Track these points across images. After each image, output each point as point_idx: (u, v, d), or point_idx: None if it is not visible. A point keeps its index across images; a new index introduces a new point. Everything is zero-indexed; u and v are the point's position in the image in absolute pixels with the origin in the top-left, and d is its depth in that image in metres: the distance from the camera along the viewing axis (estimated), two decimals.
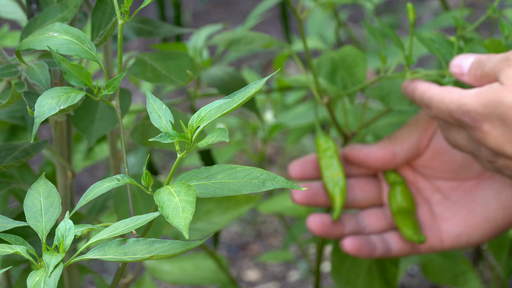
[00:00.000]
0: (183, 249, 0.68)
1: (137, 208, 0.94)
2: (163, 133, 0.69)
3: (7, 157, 0.85)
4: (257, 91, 0.69)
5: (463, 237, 1.00)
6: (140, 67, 0.92)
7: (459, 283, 1.23)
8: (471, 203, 1.00)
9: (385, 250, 1.01)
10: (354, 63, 1.00)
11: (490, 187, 0.99)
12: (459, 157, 0.99)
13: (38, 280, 0.65)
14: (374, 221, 1.03)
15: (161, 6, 1.40)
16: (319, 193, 1.02)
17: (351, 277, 1.07)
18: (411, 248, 1.01)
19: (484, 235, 1.00)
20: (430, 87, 0.91)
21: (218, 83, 1.02)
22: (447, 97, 0.88)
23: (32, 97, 0.80)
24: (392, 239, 1.01)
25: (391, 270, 1.07)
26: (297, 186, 0.71)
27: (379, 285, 1.07)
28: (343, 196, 1.00)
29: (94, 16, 0.82)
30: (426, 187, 1.02)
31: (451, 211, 1.00)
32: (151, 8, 2.63)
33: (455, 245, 1.00)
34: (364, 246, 1.00)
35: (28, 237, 0.90)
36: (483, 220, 0.99)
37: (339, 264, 1.08)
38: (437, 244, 1.01)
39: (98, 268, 1.79)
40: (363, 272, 1.07)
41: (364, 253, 1.00)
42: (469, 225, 0.99)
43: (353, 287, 1.07)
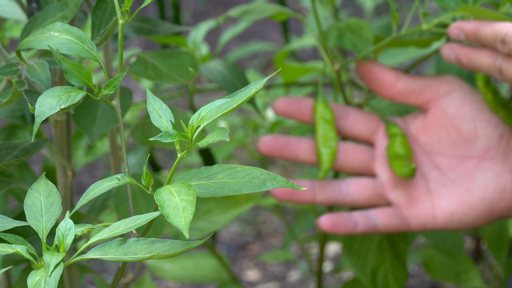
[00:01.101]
0: (184, 248, 0.68)
1: (138, 208, 0.94)
2: (164, 132, 0.69)
3: (7, 156, 0.85)
4: (258, 91, 0.69)
5: (457, 215, 0.99)
6: (141, 65, 0.92)
7: (461, 280, 1.23)
8: (469, 183, 1.00)
9: (369, 226, 1.01)
10: (359, 27, 1.02)
11: (490, 169, 0.99)
12: (466, 127, 1.00)
13: (39, 280, 0.64)
14: (360, 190, 1.03)
15: (160, 6, 1.40)
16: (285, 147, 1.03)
17: (362, 252, 1.08)
18: (400, 224, 1.01)
19: (478, 216, 0.99)
20: (506, 23, 0.92)
21: (218, 77, 1.02)
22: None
23: (33, 95, 0.80)
24: (379, 215, 1.01)
25: (400, 245, 1.08)
26: (297, 186, 0.71)
27: (390, 259, 1.08)
28: (332, 159, 1.01)
29: (95, 15, 0.82)
30: (425, 163, 1.02)
31: (448, 188, 1.00)
32: (151, 8, 2.63)
33: (448, 223, 1.00)
34: (341, 223, 1.00)
35: (28, 236, 0.90)
36: (479, 200, 0.99)
37: (350, 241, 1.09)
38: (430, 220, 1.00)
39: (98, 268, 1.79)
40: (374, 247, 1.08)
41: (342, 230, 1.00)
42: (465, 204, 0.99)
43: (365, 261, 1.08)
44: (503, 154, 0.99)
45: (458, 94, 1.00)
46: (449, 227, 1.01)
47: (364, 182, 1.03)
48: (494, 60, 0.94)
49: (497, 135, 1.00)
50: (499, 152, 1.00)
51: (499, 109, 0.99)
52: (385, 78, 1.02)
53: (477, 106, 1.00)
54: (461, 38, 0.95)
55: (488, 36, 0.93)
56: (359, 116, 1.04)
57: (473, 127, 1.00)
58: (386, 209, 1.02)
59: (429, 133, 1.02)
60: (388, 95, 1.02)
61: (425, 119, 1.02)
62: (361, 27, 1.02)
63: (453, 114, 1.00)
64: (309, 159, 1.04)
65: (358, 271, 1.08)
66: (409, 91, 1.02)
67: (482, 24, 0.93)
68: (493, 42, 0.92)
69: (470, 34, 0.94)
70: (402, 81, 1.02)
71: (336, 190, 1.03)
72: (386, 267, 1.08)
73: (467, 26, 0.94)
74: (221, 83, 1.01)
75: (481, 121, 1.00)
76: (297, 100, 1.04)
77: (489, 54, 0.95)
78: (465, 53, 0.96)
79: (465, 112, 1.00)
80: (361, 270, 1.08)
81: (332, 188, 1.03)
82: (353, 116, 1.04)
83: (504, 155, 0.99)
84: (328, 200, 1.03)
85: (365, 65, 1.02)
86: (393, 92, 1.02)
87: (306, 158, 1.04)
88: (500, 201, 0.99)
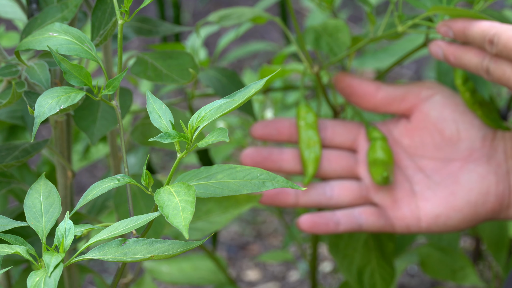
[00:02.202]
0: (183, 249, 0.68)
1: (137, 208, 0.94)
2: (163, 133, 0.69)
3: (8, 157, 0.85)
4: (257, 91, 0.69)
5: (442, 218, 0.99)
6: (141, 66, 0.92)
7: (457, 278, 1.23)
8: (454, 185, 1.00)
9: (352, 225, 1.01)
10: (336, 30, 1.02)
11: (474, 171, 0.99)
12: (449, 130, 1.00)
13: (38, 280, 0.65)
14: (344, 193, 1.03)
15: (160, 6, 1.40)
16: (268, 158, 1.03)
17: (349, 251, 1.08)
18: (384, 225, 1.01)
19: (463, 219, 0.99)
20: (494, 23, 0.92)
21: (215, 84, 1.03)
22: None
23: (33, 96, 0.80)
24: (363, 214, 1.02)
25: (387, 244, 1.08)
26: (297, 186, 0.71)
27: (376, 258, 1.08)
28: (316, 164, 1.02)
29: (94, 16, 0.82)
30: (409, 166, 1.02)
31: (432, 191, 1.00)
32: (150, 8, 2.63)
33: (432, 226, 1.00)
34: (321, 223, 1.01)
35: (28, 237, 0.90)
36: (464, 203, 0.99)
37: (336, 240, 1.09)
38: (414, 223, 1.00)
39: (98, 268, 1.79)
40: (360, 246, 1.08)
41: (321, 230, 1.01)
42: (449, 207, 0.99)
43: (351, 261, 1.08)
44: (487, 156, 0.99)
45: (440, 98, 1.00)
46: (433, 229, 1.01)
47: (349, 184, 1.03)
48: (482, 60, 0.94)
49: (480, 136, 1.00)
50: (483, 154, 0.99)
51: (477, 108, 0.99)
52: (365, 89, 1.02)
53: (459, 108, 1.00)
54: (450, 36, 0.95)
55: (476, 35, 0.93)
56: (338, 126, 1.05)
57: (456, 130, 1.00)
58: (371, 209, 1.02)
59: (412, 136, 1.02)
60: (370, 106, 1.03)
61: (408, 123, 1.02)
62: (338, 30, 1.01)
63: (435, 118, 1.00)
64: (293, 169, 1.04)
65: (344, 271, 1.08)
66: (390, 100, 1.02)
67: (471, 23, 0.93)
68: (481, 41, 0.92)
69: (458, 32, 0.94)
70: (383, 91, 1.02)
71: (320, 193, 1.03)
72: (373, 267, 1.08)
73: (455, 24, 0.94)
74: (218, 91, 1.02)
75: (463, 123, 1.00)
76: (273, 122, 1.04)
77: (476, 53, 0.94)
78: (453, 51, 0.96)
79: (448, 115, 1.00)
80: (347, 269, 1.08)
81: (316, 191, 1.03)
82: (331, 127, 1.04)
83: (488, 157, 0.99)
84: (312, 203, 1.03)
85: (343, 79, 1.03)
86: (375, 103, 1.02)
87: (290, 168, 1.04)
88: (484, 204, 0.99)
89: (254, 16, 1.04)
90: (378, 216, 1.01)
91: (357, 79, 1.02)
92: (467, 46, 0.96)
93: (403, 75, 2.34)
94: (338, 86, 1.03)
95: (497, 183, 0.99)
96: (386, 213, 1.01)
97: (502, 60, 0.92)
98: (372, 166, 1.01)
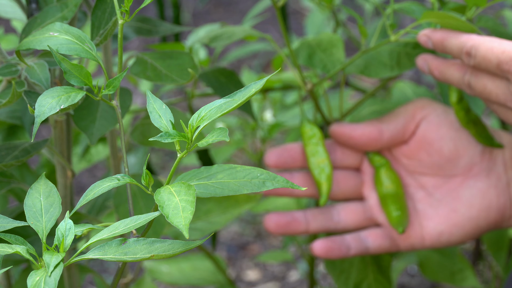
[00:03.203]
0: (183, 249, 0.68)
1: (137, 208, 0.94)
2: (164, 132, 0.69)
3: (7, 156, 0.85)
4: (257, 91, 0.69)
5: (445, 235, 1.00)
6: (141, 66, 0.92)
7: (456, 280, 1.23)
8: (455, 202, 1.00)
9: (361, 249, 1.01)
10: (330, 45, 1.01)
11: (475, 186, 0.99)
12: (447, 148, 0.99)
13: (39, 280, 0.64)
14: (351, 216, 1.03)
15: (160, 6, 1.40)
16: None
17: (345, 266, 1.08)
18: (390, 246, 1.01)
19: (465, 234, 1.00)
20: (472, 35, 0.91)
21: (214, 83, 1.03)
22: (497, 47, 0.89)
23: (33, 96, 0.80)
24: (370, 237, 1.01)
25: (384, 257, 1.08)
26: (297, 186, 0.71)
27: (373, 273, 1.08)
28: (330, 182, 1.01)
29: (94, 16, 0.82)
30: (410, 184, 1.02)
31: (434, 208, 1.00)
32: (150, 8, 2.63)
33: (435, 243, 1.00)
34: (335, 248, 1.00)
35: (28, 236, 0.90)
36: (465, 220, 0.99)
37: None
38: (418, 241, 1.01)
39: (98, 268, 1.79)
40: (356, 261, 1.08)
41: (335, 255, 1.00)
42: (452, 224, 0.99)
43: (347, 276, 1.07)
44: (487, 169, 0.99)
45: (434, 117, 1.00)
46: (437, 246, 1.01)
47: (354, 207, 1.03)
48: (463, 75, 0.93)
49: (478, 151, 0.99)
50: (483, 168, 0.99)
51: (471, 127, 0.99)
52: (368, 137, 1.01)
53: (454, 125, 1.00)
54: (429, 46, 0.94)
55: (454, 47, 0.92)
56: (346, 147, 1.04)
57: (454, 147, 0.99)
58: (376, 230, 1.02)
59: (412, 157, 1.01)
60: (376, 148, 1.02)
61: (406, 146, 1.02)
62: (333, 45, 1.00)
63: (432, 138, 1.00)
64: (305, 192, 1.03)
65: (341, 286, 1.07)
66: (394, 138, 1.01)
67: (449, 34, 0.93)
68: (459, 53, 0.92)
69: (437, 43, 0.94)
70: (386, 132, 1.01)
71: (327, 218, 1.03)
72: (369, 282, 1.08)
73: (434, 35, 0.93)
74: (218, 91, 1.02)
75: (460, 139, 0.99)
76: (286, 149, 1.03)
77: (458, 68, 0.94)
78: (437, 65, 0.95)
79: (444, 134, 0.99)
80: (344, 285, 1.07)
81: (324, 216, 1.03)
82: (340, 149, 1.04)
83: (487, 170, 0.99)
84: (321, 228, 1.03)
85: (341, 133, 1.01)
86: (381, 145, 1.02)
87: (302, 192, 1.04)
88: (486, 218, 0.99)
89: (245, 35, 1.04)
90: (383, 237, 1.01)
91: (356, 129, 1.01)
92: (450, 60, 0.95)
93: (403, 75, 2.34)
94: (337, 138, 1.02)
95: (498, 196, 0.99)
96: (390, 233, 1.02)
97: (482, 73, 0.91)
98: (384, 203, 1.01)
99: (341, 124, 1.02)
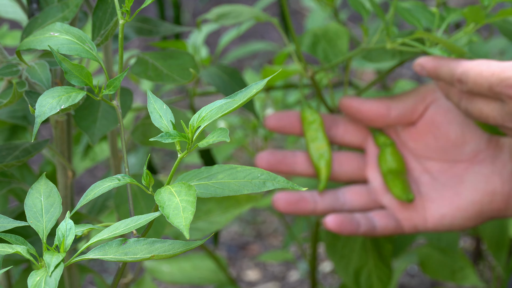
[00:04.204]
0: (184, 249, 0.68)
1: (138, 208, 0.94)
2: (164, 132, 0.69)
3: (8, 157, 0.85)
4: (259, 91, 0.69)
5: (447, 218, 1.00)
6: (142, 66, 0.92)
7: (457, 278, 1.23)
8: (459, 186, 1.00)
9: (369, 228, 1.01)
10: (336, 36, 1.01)
11: (479, 172, 1.00)
12: (454, 133, 1.00)
13: (39, 280, 0.65)
14: (356, 198, 1.03)
15: (160, 6, 1.40)
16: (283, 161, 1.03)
17: (346, 252, 1.08)
18: (395, 227, 1.02)
19: (468, 219, 1.00)
20: (461, 61, 0.92)
21: (217, 81, 1.02)
22: (486, 70, 0.89)
23: (33, 96, 0.80)
24: (376, 217, 1.02)
25: (385, 246, 1.08)
26: (297, 186, 0.71)
27: (373, 259, 1.08)
28: (329, 168, 1.02)
29: (95, 16, 0.82)
30: (416, 168, 1.03)
31: (438, 192, 1.01)
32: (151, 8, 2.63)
33: (438, 225, 1.01)
34: (347, 223, 1.00)
35: (28, 237, 0.90)
36: (468, 203, 0.99)
37: (333, 241, 1.09)
38: (421, 223, 1.01)
39: (98, 268, 1.79)
40: (357, 247, 1.08)
41: (347, 230, 1.00)
42: (454, 207, 1.00)
43: (348, 261, 1.08)
44: (493, 157, 1.00)
45: (443, 102, 1.00)
46: (439, 229, 1.01)
47: (358, 189, 1.04)
48: (459, 101, 0.94)
49: (485, 138, 1.00)
50: (489, 155, 1.00)
51: None
52: (376, 112, 1.01)
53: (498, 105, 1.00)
54: (424, 75, 0.95)
55: (446, 75, 0.93)
56: (349, 124, 1.05)
57: (461, 132, 1.00)
58: (382, 212, 1.03)
59: (418, 140, 1.02)
60: (383, 125, 1.03)
61: (413, 128, 1.02)
62: (338, 36, 1.01)
63: (440, 122, 1.00)
64: (306, 171, 1.04)
65: (341, 271, 1.08)
66: (402, 116, 1.02)
67: (440, 62, 0.93)
68: (451, 81, 0.92)
69: (430, 72, 0.94)
70: (395, 109, 1.01)
71: (334, 199, 1.03)
72: (370, 268, 1.08)
73: (427, 64, 0.94)
74: (220, 88, 1.02)
75: (468, 126, 1.00)
76: (287, 114, 1.05)
77: (455, 93, 0.95)
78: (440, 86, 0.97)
79: (452, 118, 1.00)
80: (344, 270, 1.08)
81: (330, 197, 1.03)
82: (343, 124, 1.05)
83: (493, 157, 1.00)
84: (328, 208, 1.03)
85: (350, 105, 1.02)
86: (388, 122, 1.02)
87: (303, 170, 1.04)
88: (490, 203, 0.99)
89: (253, 16, 1.04)
90: (388, 218, 1.02)
91: (365, 103, 1.02)
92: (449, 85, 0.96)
93: (403, 75, 2.34)
94: (345, 111, 1.03)
95: (502, 183, 0.99)
96: (394, 214, 1.02)
97: (477, 98, 0.92)
98: (389, 178, 1.01)
99: (350, 97, 1.03)
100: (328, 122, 1.04)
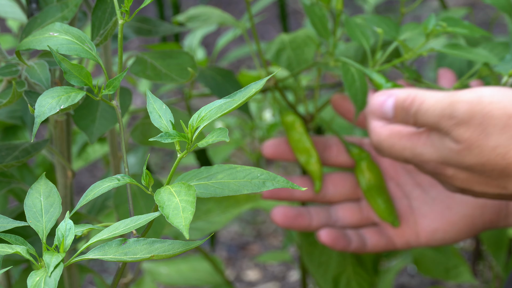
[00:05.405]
0: (184, 249, 0.68)
1: (138, 208, 0.94)
2: (164, 132, 0.69)
3: (8, 157, 0.85)
4: (257, 91, 0.69)
5: (439, 233, 1.00)
6: (140, 66, 0.92)
7: (451, 276, 1.23)
8: (449, 200, 1.00)
9: (360, 244, 1.01)
10: (303, 44, 1.01)
11: None
12: None
13: (39, 280, 0.64)
14: (348, 215, 1.03)
15: (160, 6, 1.40)
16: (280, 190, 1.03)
17: (323, 259, 1.07)
18: (387, 243, 1.02)
19: (460, 232, 1.00)
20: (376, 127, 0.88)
21: (211, 83, 1.03)
22: (398, 144, 0.86)
23: (33, 96, 0.80)
24: (367, 234, 1.02)
25: None
26: (297, 186, 0.71)
27: (352, 265, 1.08)
28: (319, 165, 1.01)
29: (94, 16, 0.82)
30: (407, 182, 1.02)
31: (429, 206, 1.00)
32: (150, 8, 2.63)
33: (430, 240, 1.00)
34: (340, 238, 1.00)
35: (28, 237, 0.90)
36: (460, 217, 0.99)
37: (310, 248, 1.08)
38: (413, 239, 1.01)
39: (98, 268, 1.79)
40: (335, 254, 1.07)
41: (339, 245, 1.01)
42: (446, 222, 0.99)
43: (326, 268, 1.07)
44: None
45: None
46: (432, 244, 1.01)
47: (350, 206, 1.04)
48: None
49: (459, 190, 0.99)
50: None
51: None
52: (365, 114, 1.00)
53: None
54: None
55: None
56: (342, 145, 1.05)
57: None
58: (373, 228, 1.03)
59: None
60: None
61: None
62: (306, 44, 1.00)
63: None
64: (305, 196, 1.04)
65: (320, 279, 1.07)
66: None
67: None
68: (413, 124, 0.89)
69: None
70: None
71: (327, 215, 1.04)
72: (349, 274, 1.07)
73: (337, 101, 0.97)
74: (214, 90, 1.02)
75: None
76: (283, 141, 1.04)
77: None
78: None
79: None
80: (322, 278, 1.07)
81: (324, 214, 1.04)
82: (336, 146, 1.04)
83: None
84: (322, 225, 1.03)
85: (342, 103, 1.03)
86: None
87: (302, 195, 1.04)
88: (481, 216, 0.99)
89: (220, 20, 1.04)
90: (379, 235, 1.02)
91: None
92: None
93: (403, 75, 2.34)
94: (337, 110, 1.03)
95: None
96: (386, 231, 1.02)
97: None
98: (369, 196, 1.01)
99: (342, 96, 1.03)
100: (320, 145, 1.04)
